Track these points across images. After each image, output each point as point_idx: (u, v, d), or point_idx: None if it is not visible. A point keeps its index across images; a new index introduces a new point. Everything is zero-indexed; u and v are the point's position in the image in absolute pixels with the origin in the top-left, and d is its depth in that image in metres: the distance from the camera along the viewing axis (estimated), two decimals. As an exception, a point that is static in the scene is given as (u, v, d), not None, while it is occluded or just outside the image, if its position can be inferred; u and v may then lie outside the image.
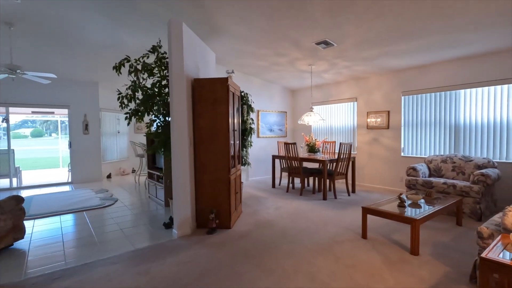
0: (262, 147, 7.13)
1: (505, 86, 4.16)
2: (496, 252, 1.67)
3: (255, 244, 2.99)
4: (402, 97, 5.39)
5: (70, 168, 6.96)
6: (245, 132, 4.67)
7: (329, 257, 2.66)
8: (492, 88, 4.29)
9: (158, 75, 3.72)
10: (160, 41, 3.70)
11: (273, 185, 6.03)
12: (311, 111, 5.62)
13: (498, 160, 4.25)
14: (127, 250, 2.88)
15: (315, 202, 4.75)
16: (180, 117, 3.24)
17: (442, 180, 4.04)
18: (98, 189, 6.02)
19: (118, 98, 3.73)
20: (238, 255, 2.73)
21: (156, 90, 3.69)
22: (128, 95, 3.69)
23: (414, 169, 4.35)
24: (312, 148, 5.59)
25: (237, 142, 3.89)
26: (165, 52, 3.71)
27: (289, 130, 7.78)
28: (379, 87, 5.77)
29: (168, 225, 3.55)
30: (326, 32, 3.98)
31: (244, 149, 4.77)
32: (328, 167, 5.55)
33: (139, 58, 3.67)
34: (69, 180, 6.92)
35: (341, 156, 4.95)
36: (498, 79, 4.19)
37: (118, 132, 8.28)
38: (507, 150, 4.18)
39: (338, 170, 5.02)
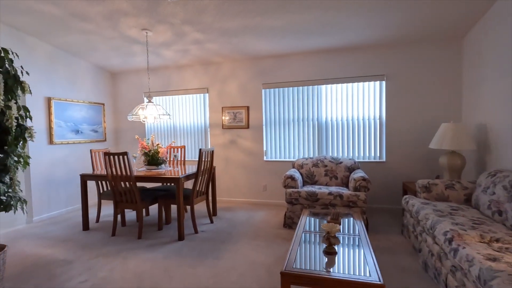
0: (60, 160, 4.28)
1: (365, 84, 4.06)
2: None
3: None
4: (263, 90, 4.51)
5: None
6: (7, 136, 2.07)
7: None
8: (351, 85, 4.11)
9: None
10: None
11: (86, 226, 3.53)
12: (150, 102, 3.65)
13: (358, 160, 4.15)
14: None
15: (168, 249, 2.89)
16: None
17: (326, 189, 3.36)
18: None
19: None
20: None
21: None
22: None
23: (292, 178, 3.46)
24: (153, 159, 3.62)
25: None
26: None
27: (110, 132, 5.27)
28: (234, 76, 4.64)
29: None
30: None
31: (6, 175, 2.14)
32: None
33: None
34: None
35: (202, 168, 3.36)
36: (359, 75, 4.05)
37: None
38: (364, 149, 4.13)
39: (198, 189, 3.41)
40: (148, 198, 3.34)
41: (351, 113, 4.14)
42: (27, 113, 2.28)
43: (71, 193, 4.43)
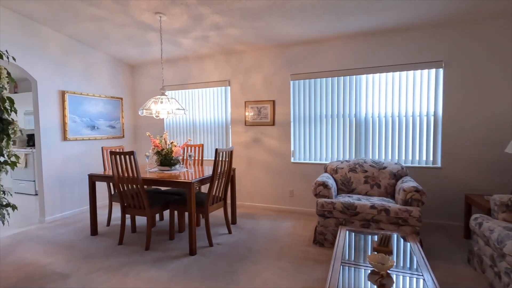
0: (75, 158, 4.06)
1: (417, 72, 3.35)
2: None
3: None
4: (291, 82, 3.95)
5: None
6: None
7: None
8: (398, 74, 3.42)
9: None
10: None
11: (94, 231, 3.24)
12: (163, 95, 3.26)
13: (406, 165, 3.46)
14: None
15: (176, 266, 2.46)
16: None
17: (367, 201, 2.74)
18: None
19: None
20: None
21: None
22: None
23: (324, 185, 2.88)
24: (166, 159, 3.23)
25: None
26: None
27: (129, 128, 5.01)
28: (259, 67, 4.12)
29: None
30: None
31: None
32: (196, 189, 3.35)
33: None
34: None
35: (218, 170, 2.91)
36: (409, 63, 3.34)
37: None
38: (413, 152, 3.43)
39: (215, 194, 2.96)
40: (158, 204, 2.95)
41: (397, 108, 3.45)
42: (12, 106, 1.95)
43: (86, 192, 4.21)
